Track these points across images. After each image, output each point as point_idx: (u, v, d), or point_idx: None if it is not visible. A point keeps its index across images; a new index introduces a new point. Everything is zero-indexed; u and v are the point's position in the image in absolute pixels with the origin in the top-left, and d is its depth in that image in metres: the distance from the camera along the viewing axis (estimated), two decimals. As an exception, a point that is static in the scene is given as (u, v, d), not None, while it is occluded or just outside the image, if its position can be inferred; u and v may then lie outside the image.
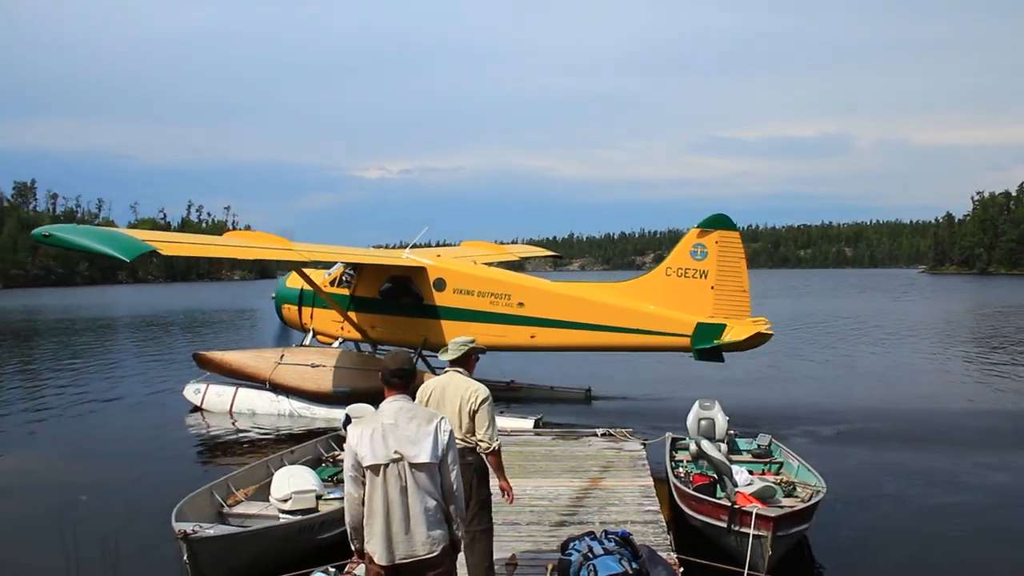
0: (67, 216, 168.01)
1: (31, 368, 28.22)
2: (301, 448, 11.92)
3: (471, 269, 17.97)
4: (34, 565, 9.37)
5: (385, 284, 18.05)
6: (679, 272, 16.18)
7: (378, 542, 4.92)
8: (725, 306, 15.91)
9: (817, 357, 28.45)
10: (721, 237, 15.99)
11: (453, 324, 17.09)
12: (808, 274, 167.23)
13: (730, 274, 15.99)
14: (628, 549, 6.87)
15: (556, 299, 16.84)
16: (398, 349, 5.31)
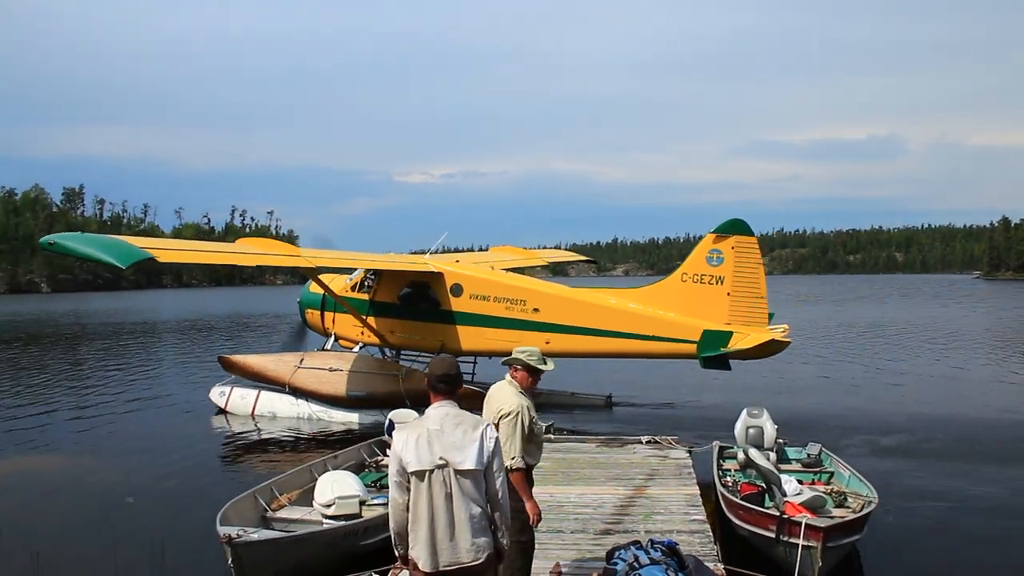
0: (113, 221, 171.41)
1: (78, 370, 28.74)
2: (344, 453, 11.95)
3: (487, 275, 17.96)
4: (84, 566, 9.49)
5: (404, 289, 18.19)
6: (695, 278, 15.92)
7: (422, 548, 4.87)
8: (741, 313, 15.61)
9: (867, 365, 27.90)
10: (738, 242, 15.70)
11: (469, 329, 17.26)
12: (857, 280, 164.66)
13: (747, 280, 15.70)
14: (674, 559, 6.74)
15: (571, 304, 16.78)
16: (443, 356, 5.20)
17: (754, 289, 15.66)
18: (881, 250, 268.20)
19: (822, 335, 39.33)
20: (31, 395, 22.49)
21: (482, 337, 17.13)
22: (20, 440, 16.63)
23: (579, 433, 14.63)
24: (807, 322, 47.32)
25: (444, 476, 4.85)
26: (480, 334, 17.13)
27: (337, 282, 18.88)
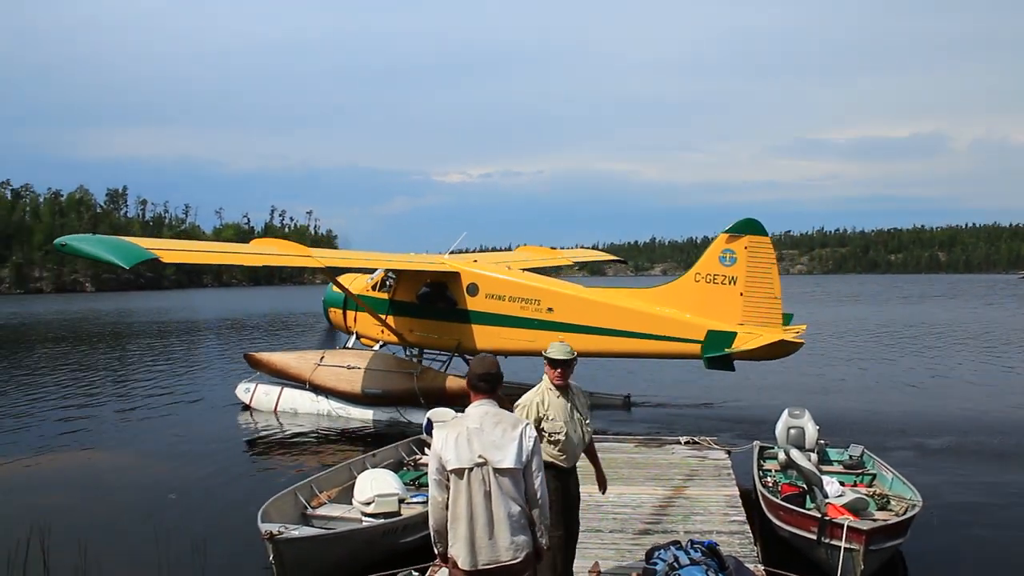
0: (155, 221, 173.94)
1: (121, 367, 29.26)
2: (383, 451, 12.01)
3: (503, 274, 17.97)
4: (130, 559, 9.65)
5: (422, 289, 18.37)
6: (708, 278, 15.73)
7: (462, 546, 4.89)
8: (754, 313, 15.39)
9: (911, 365, 27.50)
10: (751, 242, 15.46)
11: (485, 329, 17.36)
12: (898, 279, 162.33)
13: (760, 280, 15.45)
14: (715, 560, 6.68)
15: (584, 304, 16.71)
16: (484, 355, 5.20)
17: (768, 289, 15.45)
18: (923, 249, 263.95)
19: (863, 335, 38.90)
20: (77, 392, 22.96)
21: (498, 336, 17.23)
22: (67, 436, 16.97)
23: (616, 433, 14.59)
24: (848, 321, 46.80)
25: (483, 474, 4.86)
26: (496, 333, 17.23)
27: (359, 282, 19.23)
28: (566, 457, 6.39)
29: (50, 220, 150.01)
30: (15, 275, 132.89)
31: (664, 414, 18.54)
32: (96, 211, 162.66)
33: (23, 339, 44.36)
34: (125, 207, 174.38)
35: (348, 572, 8.00)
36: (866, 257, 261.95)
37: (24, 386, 24.33)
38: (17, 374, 27.67)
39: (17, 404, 20.90)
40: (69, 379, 25.90)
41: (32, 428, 17.83)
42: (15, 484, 13.31)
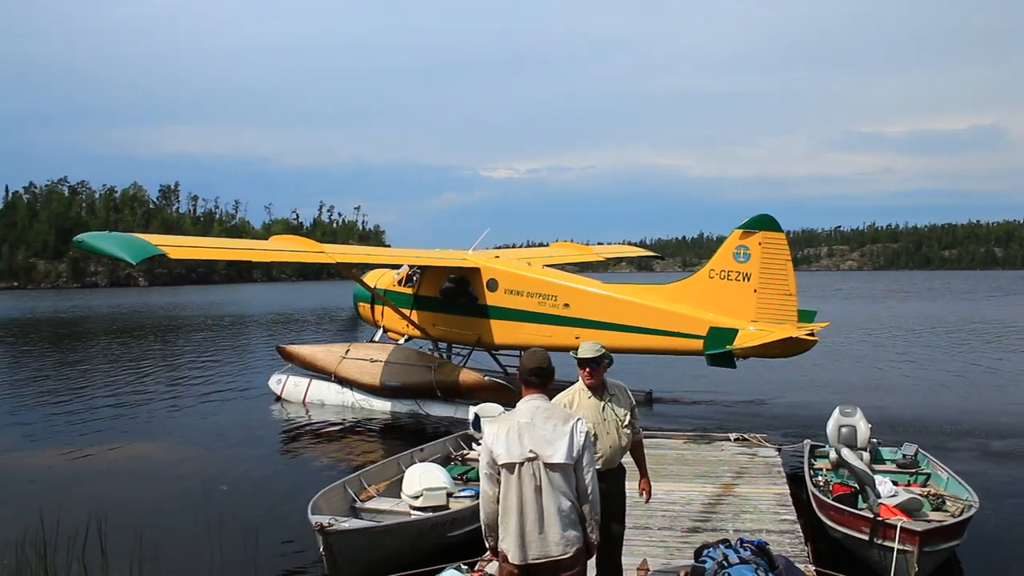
0: (206, 217, 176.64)
1: (172, 360, 29.87)
2: (430, 446, 12.08)
3: (522, 270, 18.09)
4: (184, 548, 9.84)
5: (444, 284, 18.56)
6: (722, 275, 15.56)
7: (512, 541, 4.90)
8: (768, 310, 15.17)
9: (966, 363, 26.98)
10: (765, 238, 15.26)
11: (504, 324, 17.54)
12: (952, 276, 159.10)
13: (774, 277, 15.22)
14: (764, 559, 6.61)
15: (600, 300, 16.68)
16: (535, 348, 5.18)
17: (782, 286, 15.23)
18: (979, 245, 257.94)
19: (915, 332, 38.19)
20: (130, 384, 23.48)
21: (517, 331, 17.41)
22: (121, 428, 17.37)
23: (665, 430, 14.51)
24: (899, 318, 46.01)
25: (534, 469, 4.86)
26: (514, 328, 17.40)
27: (386, 277, 19.64)
28: (599, 458, 6.15)
29: (105, 216, 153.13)
30: (72, 270, 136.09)
31: (713, 411, 18.42)
32: (149, 207, 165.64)
33: (80, 332, 45.40)
34: (177, 203, 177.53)
35: (397, 565, 8.03)
36: (919, 253, 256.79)
37: (81, 378, 24.91)
38: (74, 366, 28.33)
39: (74, 396, 21.37)
40: (122, 371, 26.48)
41: (88, 419, 18.22)
42: (73, 474, 13.62)
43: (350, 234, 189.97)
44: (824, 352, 29.87)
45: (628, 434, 6.42)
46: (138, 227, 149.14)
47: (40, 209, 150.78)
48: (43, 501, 10.97)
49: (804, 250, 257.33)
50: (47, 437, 16.47)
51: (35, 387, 23.26)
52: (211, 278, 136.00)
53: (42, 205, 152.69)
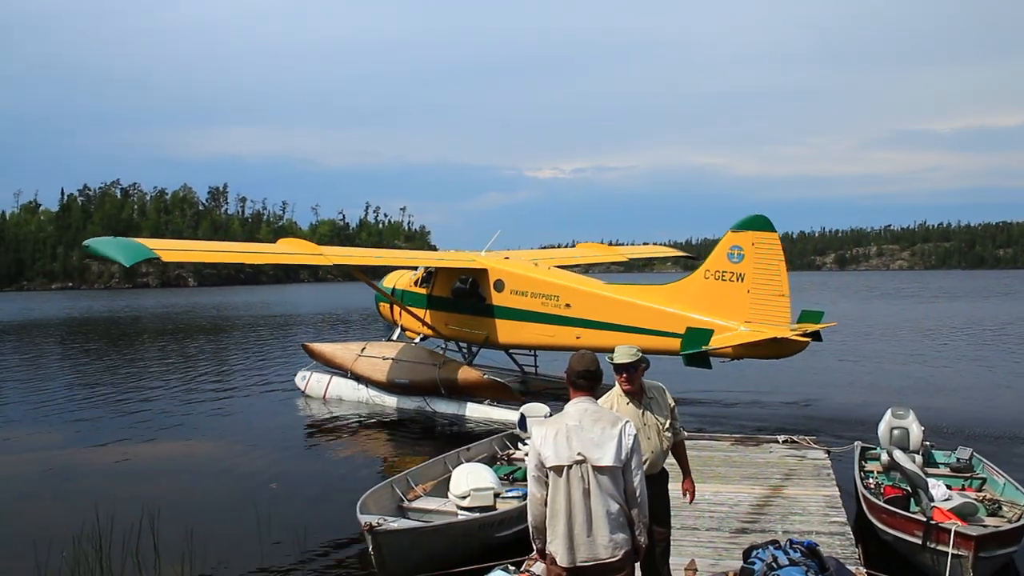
0: (254, 218, 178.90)
1: (219, 358, 30.35)
2: (477, 446, 12.13)
3: (527, 271, 18.36)
4: (234, 543, 9.97)
5: (455, 285, 19.00)
6: (716, 275, 15.57)
7: (560, 543, 4.89)
8: (761, 311, 15.18)
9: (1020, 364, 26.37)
10: (757, 239, 15.28)
11: (509, 323, 17.94)
12: (1008, 275, 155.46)
13: (767, 277, 15.25)
14: (815, 561, 6.55)
15: (600, 301, 16.85)
16: (583, 351, 5.15)
17: (775, 287, 15.24)
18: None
19: (970, 332, 37.42)
20: (181, 382, 23.91)
21: (521, 331, 17.86)
22: (171, 426, 17.71)
23: (712, 432, 14.41)
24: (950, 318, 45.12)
25: (582, 472, 4.85)
26: (519, 328, 17.80)
27: (405, 278, 20.25)
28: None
29: (156, 217, 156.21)
30: (124, 270, 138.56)
31: (760, 412, 18.21)
32: (198, 208, 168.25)
33: (133, 332, 46.34)
34: (226, 204, 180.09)
35: (444, 564, 8.09)
36: (972, 252, 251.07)
37: (133, 377, 25.47)
38: (128, 365, 28.95)
39: (128, 394, 21.86)
40: (173, 369, 27.03)
41: (139, 417, 18.62)
42: (127, 470, 13.92)
43: (396, 235, 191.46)
44: (873, 352, 29.56)
45: (669, 437, 6.35)
46: (188, 228, 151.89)
47: (94, 211, 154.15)
48: (98, 496, 11.26)
49: (853, 250, 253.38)
50: (102, 434, 16.83)
51: (92, 385, 23.81)
52: (259, 278, 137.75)
53: (96, 207, 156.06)
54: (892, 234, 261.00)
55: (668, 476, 6.54)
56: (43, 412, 19.45)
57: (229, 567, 9.26)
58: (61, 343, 40.67)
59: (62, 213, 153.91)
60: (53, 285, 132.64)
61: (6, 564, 9.39)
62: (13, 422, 18.32)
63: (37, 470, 13.94)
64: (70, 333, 46.20)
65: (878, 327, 41.23)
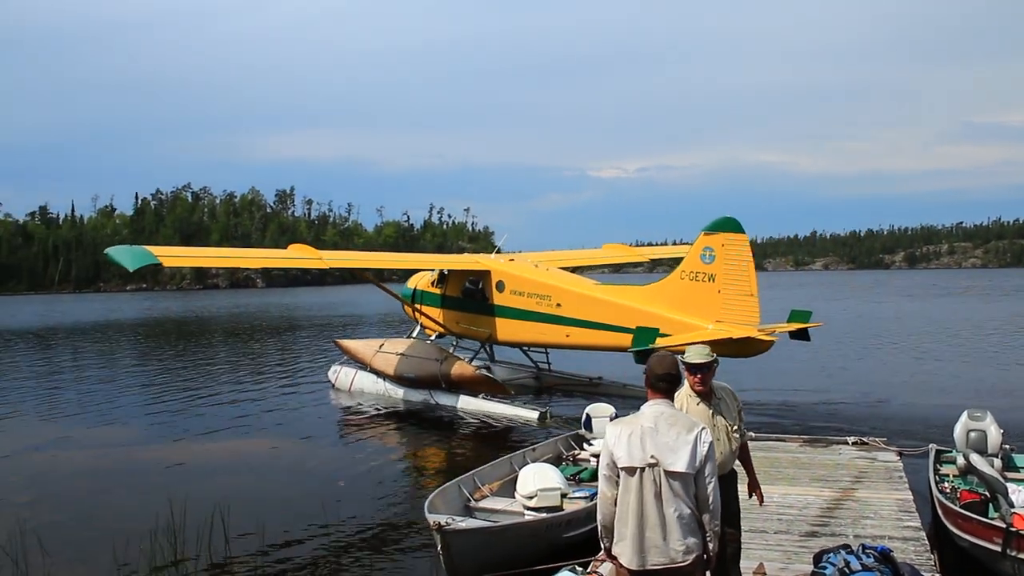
0: (320, 220, 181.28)
1: (286, 356, 30.93)
2: (542, 446, 12.14)
3: (524, 271, 19.19)
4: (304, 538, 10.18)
5: (465, 285, 20.04)
6: (691, 276, 16.11)
7: (628, 545, 4.88)
8: (731, 311, 15.67)
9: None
10: (727, 240, 15.70)
11: (508, 322, 18.94)
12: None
13: (736, 278, 15.68)
14: (888, 567, 6.43)
15: (586, 300, 17.63)
16: (664, 353, 5.19)
17: (744, 287, 15.65)
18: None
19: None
20: (247, 379, 24.53)
21: (518, 329, 18.80)
22: (239, 423, 18.19)
23: (779, 432, 14.22)
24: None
25: (655, 475, 4.83)
26: (517, 326, 18.75)
27: (425, 279, 21.37)
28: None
29: (225, 220, 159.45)
30: (195, 272, 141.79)
31: (828, 412, 17.86)
32: (266, 211, 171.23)
33: (204, 331, 47.47)
34: (292, 207, 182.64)
35: (511, 564, 8.12)
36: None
37: (205, 375, 26.09)
38: (199, 364, 29.63)
39: (199, 392, 22.43)
40: (243, 367, 27.64)
41: (211, 414, 19.15)
42: (200, 465, 14.27)
43: (460, 235, 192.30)
44: (943, 351, 28.84)
45: (737, 439, 6.30)
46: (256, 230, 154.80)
47: (166, 214, 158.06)
48: (171, 491, 11.57)
49: (923, 248, 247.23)
50: (174, 430, 17.36)
51: (164, 383, 24.47)
52: (324, 279, 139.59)
53: (168, 211, 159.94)
54: (964, 231, 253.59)
55: (737, 477, 6.49)
56: (120, 409, 20.14)
57: (299, 563, 9.40)
58: (137, 342, 41.89)
59: (136, 217, 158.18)
60: (128, 286, 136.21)
61: (88, 556, 9.70)
62: (93, 419, 18.94)
63: (114, 465, 14.40)
64: (145, 333, 47.54)
65: (947, 326, 40.23)
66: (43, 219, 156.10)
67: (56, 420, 18.88)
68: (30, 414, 19.84)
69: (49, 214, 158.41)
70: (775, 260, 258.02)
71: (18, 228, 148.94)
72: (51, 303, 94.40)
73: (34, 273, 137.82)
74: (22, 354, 36.34)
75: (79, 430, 17.67)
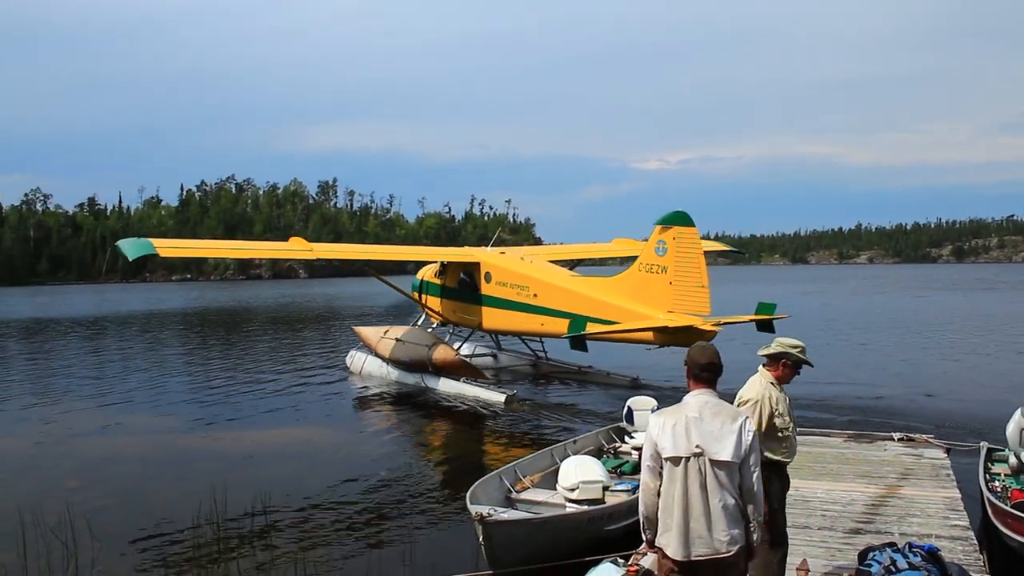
0: (362, 211, 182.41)
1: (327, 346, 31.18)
2: (583, 438, 12.14)
3: (508, 263, 20.22)
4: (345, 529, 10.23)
5: (460, 276, 21.23)
6: (647, 268, 16.88)
7: (673, 536, 4.84)
8: (682, 301, 16.37)
9: None
10: (678, 233, 16.38)
11: (492, 311, 20.05)
12: None
13: (687, 270, 16.33)
14: (936, 566, 6.30)
15: (558, 291, 18.59)
16: (705, 344, 5.26)
17: (694, 278, 16.25)
18: None
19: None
20: (290, 368, 24.76)
21: (501, 317, 19.89)
22: (278, 411, 18.53)
23: (824, 427, 14.05)
24: None
25: (700, 465, 4.79)
26: (500, 315, 19.82)
27: (431, 271, 22.53)
28: (789, 453, 6.36)
29: (268, 211, 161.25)
30: (238, 262, 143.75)
31: (874, 407, 17.58)
32: (309, 203, 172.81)
33: (249, 320, 48.07)
34: (335, 198, 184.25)
35: (552, 556, 8.11)
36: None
37: (249, 362, 26.49)
38: (244, 352, 30.03)
39: (244, 379, 22.79)
40: (284, 357, 27.93)
41: (253, 401, 19.48)
42: (242, 455, 14.42)
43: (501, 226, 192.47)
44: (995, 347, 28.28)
45: None
46: (299, 221, 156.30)
47: (211, 205, 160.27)
48: (214, 480, 11.71)
49: (971, 241, 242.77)
50: (217, 418, 17.62)
51: (208, 372, 24.86)
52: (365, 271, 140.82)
53: (212, 202, 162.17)
54: (1016, 224, 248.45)
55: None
56: (167, 396, 20.56)
57: (340, 553, 9.45)
58: (188, 331, 42.54)
59: (182, 208, 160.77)
60: (173, 277, 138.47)
61: (135, 540, 9.87)
62: (141, 405, 19.32)
63: (160, 451, 14.64)
64: (194, 322, 48.25)
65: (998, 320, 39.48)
66: (91, 210, 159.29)
67: (105, 407, 19.24)
68: (80, 401, 20.23)
69: (97, 205, 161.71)
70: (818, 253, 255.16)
71: (67, 219, 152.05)
72: (101, 293, 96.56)
73: (83, 263, 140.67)
74: (75, 342, 37.09)
75: (127, 416, 18.02)
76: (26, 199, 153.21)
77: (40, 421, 17.51)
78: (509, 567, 8.02)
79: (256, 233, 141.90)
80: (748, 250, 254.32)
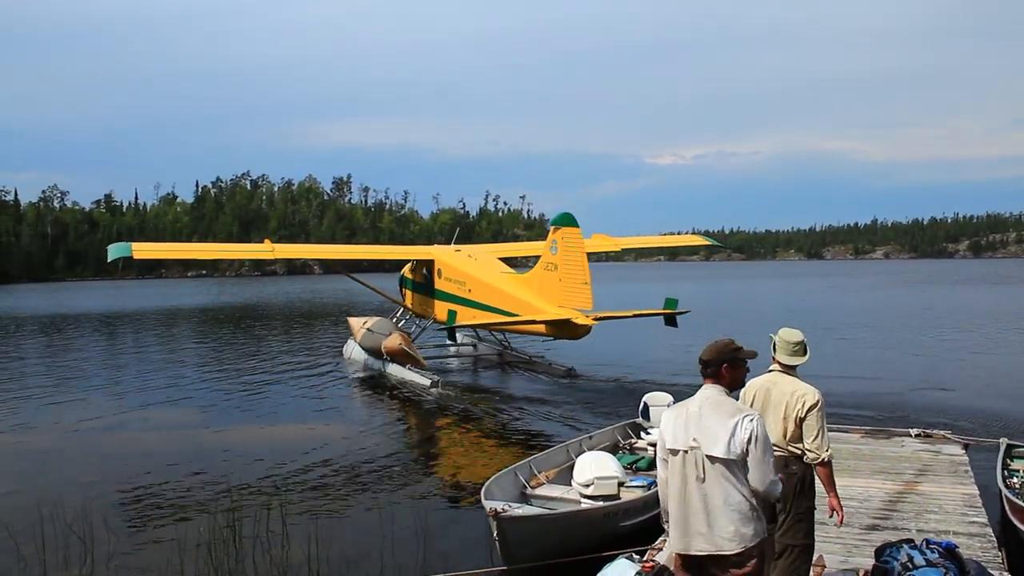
0: (377, 207, 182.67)
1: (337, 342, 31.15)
2: (599, 434, 12.12)
3: (455, 260, 21.72)
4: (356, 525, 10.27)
5: (422, 272, 22.96)
6: (546, 266, 18.37)
7: (673, 527, 4.89)
8: (568, 296, 17.67)
9: None
10: (565, 234, 17.85)
11: (442, 304, 21.51)
12: None
13: (571, 267, 17.67)
14: (954, 563, 6.27)
15: (484, 287, 20.01)
16: (716, 340, 5.22)
17: (578, 275, 17.55)
18: None
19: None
20: (303, 364, 24.73)
21: (445, 310, 20.81)
22: (297, 406, 18.56)
23: (840, 422, 13.97)
24: None
25: (696, 459, 4.78)
26: (445, 308, 20.91)
27: (410, 267, 24.12)
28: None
29: (283, 207, 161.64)
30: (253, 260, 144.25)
31: (890, 402, 17.40)
32: (323, 198, 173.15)
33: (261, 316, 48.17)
34: (349, 194, 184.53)
35: (567, 552, 8.11)
36: None
37: (263, 360, 26.55)
38: (255, 349, 30.11)
39: (258, 376, 22.87)
40: (298, 351, 27.99)
41: (270, 399, 19.48)
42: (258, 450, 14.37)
43: (515, 222, 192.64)
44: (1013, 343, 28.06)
45: None
46: (313, 217, 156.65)
47: (226, 202, 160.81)
48: (230, 475, 11.81)
49: (989, 236, 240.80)
50: (232, 414, 17.71)
51: (224, 368, 24.98)
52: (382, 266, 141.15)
53: (227, 198, 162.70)
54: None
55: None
56: (184, 390, 20.66)
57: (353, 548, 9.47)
58: (199, 327, 42.68)
59: (197, 204, 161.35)
60: (188, 273, 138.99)
61: (151, 534, 9.95)
62: (156, 401, 19.37)
63: (176, 448, 14.66)
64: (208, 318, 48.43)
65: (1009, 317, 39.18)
66: (108, 207, 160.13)
67: (122, 402, 19.36)
68: (98, 395, 20.36)
69: (114, 202, 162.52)
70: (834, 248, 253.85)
71: (84, 216, 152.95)
72: (120, 288, 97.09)
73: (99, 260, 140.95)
74: (90, 337, 37.30)
75: (145, 412, 18.11)
76: (43, 196, 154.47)
77: (59, 416, 17.63)
78: (523, 563, 8.02)
79: (271, 229, 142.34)
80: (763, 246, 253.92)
